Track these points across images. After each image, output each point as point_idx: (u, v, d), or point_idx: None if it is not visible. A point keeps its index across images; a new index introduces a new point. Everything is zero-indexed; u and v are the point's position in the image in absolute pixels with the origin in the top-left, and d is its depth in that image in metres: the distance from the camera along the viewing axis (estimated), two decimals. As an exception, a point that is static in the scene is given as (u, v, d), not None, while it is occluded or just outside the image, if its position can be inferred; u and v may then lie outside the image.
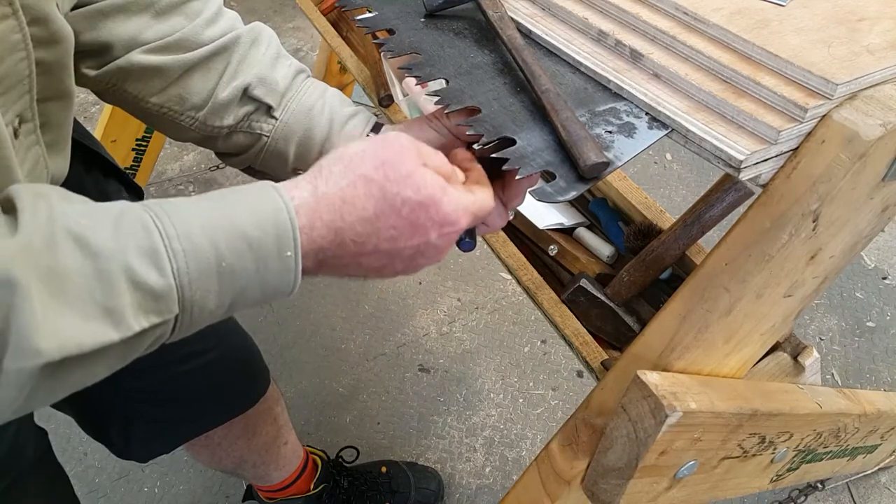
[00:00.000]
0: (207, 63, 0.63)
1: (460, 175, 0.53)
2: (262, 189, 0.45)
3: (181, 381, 0.88)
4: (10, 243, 0.36)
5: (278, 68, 0.65)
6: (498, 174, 0.55)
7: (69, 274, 0.37)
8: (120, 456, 0.92)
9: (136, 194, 0.82)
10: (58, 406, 0.89)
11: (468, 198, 0.50)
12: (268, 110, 0.64)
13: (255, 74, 0.64)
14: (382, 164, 0.47)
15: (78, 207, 0.40)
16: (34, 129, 0.52)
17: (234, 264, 0.42)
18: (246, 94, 0.63)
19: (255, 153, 0.66)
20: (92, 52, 0.60)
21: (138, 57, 0.60)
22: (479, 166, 0.55)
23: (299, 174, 0.48)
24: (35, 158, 0.54)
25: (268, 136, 0.65)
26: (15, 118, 0.49)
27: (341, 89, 0.93)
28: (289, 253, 0.44)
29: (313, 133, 0.64)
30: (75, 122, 0.66)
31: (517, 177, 0.51)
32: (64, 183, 0.60)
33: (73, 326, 0.37)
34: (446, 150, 0.55)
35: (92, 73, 0.61)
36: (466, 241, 0.55)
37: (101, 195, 0.49)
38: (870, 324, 1.71)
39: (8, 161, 0.47)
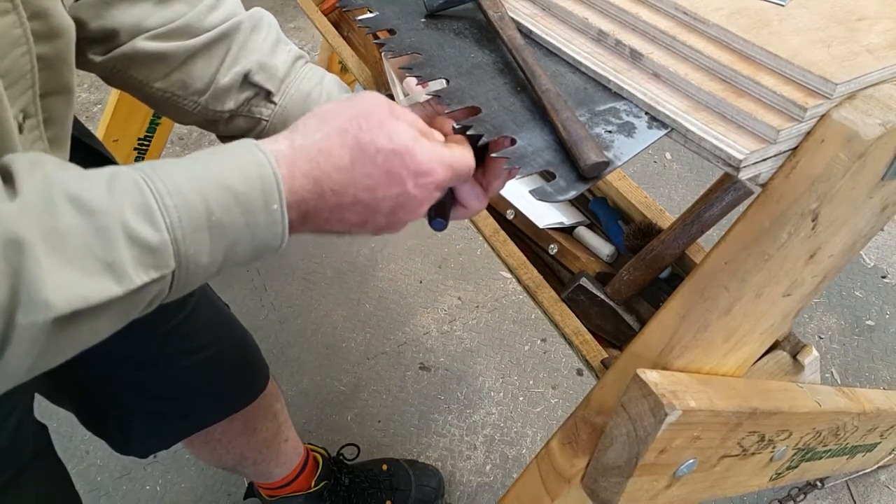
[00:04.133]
0: (209, 49, 0.64)
1: (438, 135, 0.53)
2: (244, 146, 0.47)
3: (180, 377, 0.89)
4: (12, 206, 0.38)
5: (278, 54, 0.66)
6: (478, 158, 0.55)
7: (69, 232, 0.39)
8: (120, 451, 0.92)
9: None
10: (58, 402, 0.90)
11: (444, 150, 0.51)
12: (267, 96, 0.65)
13: (256, 61, 0.65)
14: (356, 116, 0.48)
15: (72, 173, 0.42)
16: (38, 124, 0.53)
17: (223, 218, 0.44)
18: (246, 80, 0.65)
19: (255, 137, 0.67)
20: (98, 39, 0.61)
21: (142, 43, 0.61)
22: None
23: None
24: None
25: (267, 121, 0.66)
26: (19, 113, 0.50)
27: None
28: (275, 206, 0.45)
29: None
30: (75, 120, 0.67)
31: (517, 177, 0.51)
32: None
33: (78, 281, 0.39)
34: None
35: (98, 58, 0.62)
36: (438, 220, 0.55)
37: None
38: (869, 322, 1.71)
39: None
